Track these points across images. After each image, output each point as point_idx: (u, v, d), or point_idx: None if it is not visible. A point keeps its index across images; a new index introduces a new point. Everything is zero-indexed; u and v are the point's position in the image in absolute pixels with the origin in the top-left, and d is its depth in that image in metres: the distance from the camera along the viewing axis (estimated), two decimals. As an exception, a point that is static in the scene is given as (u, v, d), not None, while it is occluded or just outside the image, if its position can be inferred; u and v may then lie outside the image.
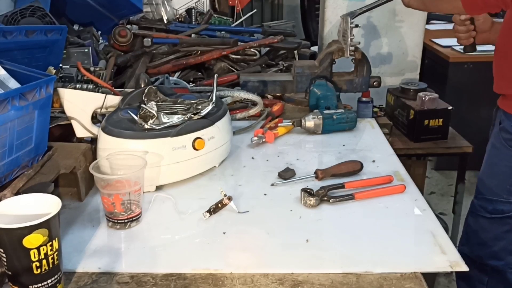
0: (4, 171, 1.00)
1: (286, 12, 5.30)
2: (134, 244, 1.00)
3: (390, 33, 2.51)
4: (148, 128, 1.16)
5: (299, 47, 2.25)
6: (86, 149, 1.19)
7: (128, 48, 2.11)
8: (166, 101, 1.28)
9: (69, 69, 1.57)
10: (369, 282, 0.88)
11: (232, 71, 2.10)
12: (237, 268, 0.92)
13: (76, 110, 1.26)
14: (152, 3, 2.65)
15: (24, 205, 0.87)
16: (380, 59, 2.55)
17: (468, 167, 2.37)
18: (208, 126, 1.23)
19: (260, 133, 1.46)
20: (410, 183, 1.22)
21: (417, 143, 2.28)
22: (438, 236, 1.01)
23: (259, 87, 1.84)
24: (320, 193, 1.13)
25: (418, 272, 0.91)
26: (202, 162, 1.24)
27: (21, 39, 1.35)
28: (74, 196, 1.16)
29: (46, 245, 0.79)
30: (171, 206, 1.13)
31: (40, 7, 1.69)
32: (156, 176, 1.17)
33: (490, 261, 1.53)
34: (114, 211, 1.04)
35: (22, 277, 0.80)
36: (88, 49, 1.82)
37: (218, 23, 2.66)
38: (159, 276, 0.91)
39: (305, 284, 0.88)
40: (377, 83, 1.87)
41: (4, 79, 1.10)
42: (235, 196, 1.12)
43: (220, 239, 1.01)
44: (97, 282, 0.89)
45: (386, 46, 2.53)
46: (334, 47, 1.80)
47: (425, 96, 2.21)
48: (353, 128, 1.57)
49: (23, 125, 1.03)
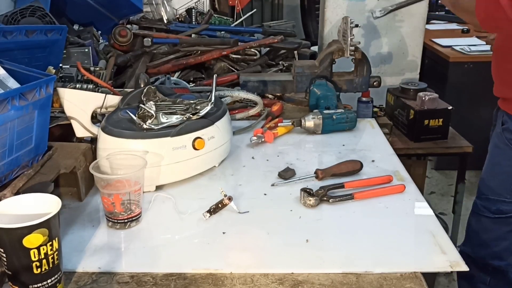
0: (4, 171, 1.00)
1: (286, 12, 5.30)
2: (134, 244, 1.00)
3: (390, 33, 2.50)
4: (147, 128, 1.16)
5: (299, 47, 2.25)
6: (86, 149, 1.19)
7: (128, 48, 2.11)
8: (165, 101, 1.28)
9: (69, 69, 1.57)
10: (369, 282, 0.88)
11: (232, 71, 2.10)
12: (237, 268, 0.92)
13: (76, 110, 1.26)
14: (152, 3, 2.66)
15: (24, 205, 0.87)
16: (380, 59, 2.55)
17: (468, 167, 2.37)
18: (208, 126, 1.23)
19: (259, 132, 1.46)
20: (410, 183, 1.22)
21: (417, 143, 2.28)
22: (438, 236, 1.01)
23: (259, 87, 1.84)
24: (319, 193, 1.13)
25: (418, 272, 0.91)
26: (202, 162, 1.24)
27: (21, 39, 1.35)
28: (74, 196, 1.16)
29: (46, 245, 0.79)
30: (171, 206, 1.13)
31: (40, 7, 1.69)
32: (156, 176, 1.17)
33: (493, 261, 1.52)
34: (114, 211, 1.04)
35: (22, 277, 0.80)
36: (88, 49, 1.82)
37: (218, 23, 2.66)
38: (159, 276, 0.91)
39: (305, 284, 0.88)
40: (377, 83, 1.87)
41: (4, 78, 1.10)
42: (235, 196, 1.12)
43: (220, 239, 1.01)
44: (97, 282, 0.89)
45: (386, 46, 2.53)
46: (334, 47, 1.80)
47: (425, 96, 2.21)
48: (353, 128, 1.57)
49: (23, 125, 1.03)
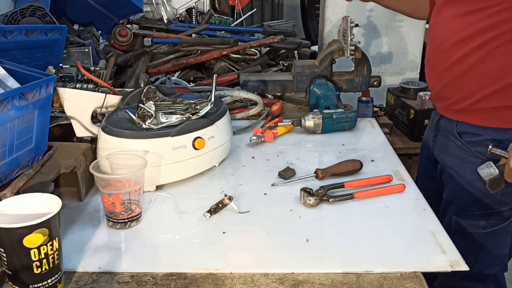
0: (4, 170, 1.00)
1: (286, 12, 5.31)
2: (134, 243, 1.00)
3: (390, 33, 2.50)
4: (146, 127, 1.16)
5: (299, 46, 2.25)
6: (86, 148, 1.19)
7: (128, 47, 2.11)
8: (165, 101, 1.28)
9: (69, 68, 1.57)
10: (369, 281, 0.88)
11: (232, 70, 2.10)
12: (238, 268, 0.92)
13: (76, 109, 1.26)
14: (152, 3, 2.66)
15: (24, 204, 0.86)
16: (380, 59, 2.55)
17: (468, 167, 2.36)
18: (208, 125, 1.23)
19: (259, 132, 1.46)
20: (410, 183, 1.22)
21: (417, 143, 2.27)
22: (438, 236, 1.01)
23: (259, 86, 1.84)
24: (319, 193, 1.13)
25: (418, 272, 0.91)
26: (202, 161, 1.24)
27: (21, 39, 1.35)
28: (74, 195, 1.16)
29: (47, 245, 0.79)
30: (171, 205, 1.13)
31: (40, 7, 1.69)
32: (156, 176, 1.17)
33: (487, 270, 1.50)
34: (114, 211, 1.04)
35: (22, 277, 0.80)
36: (88, 48, 1.82)
37: (218, 22, 2.66)
38: (159, 275, 0.91)
39: (305, 283, 0.88)
40: (377, 82, 1.87)
41: (4, 78, 1.10)
42: (235, 196, 1.12)
43: (220, 239, 1.01)
44: (97, 281, 0.89)
45: (386, 46, 2.53)
46: (334, 46, 1.80)
47: (425, 96, 2.21)
48: (353, 127, 1.57)
49: (23, 125, 1.03)
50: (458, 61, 1.34)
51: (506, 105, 1.33)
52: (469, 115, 1.39)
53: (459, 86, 1.37)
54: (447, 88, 1.41)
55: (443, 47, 1.38)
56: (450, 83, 1.39)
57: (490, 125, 1.36)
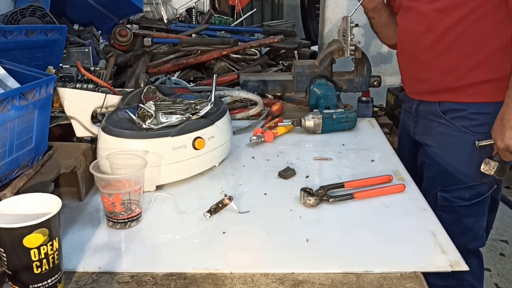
0: (4, 170, 1.00)
1: (286, 12, 5.32)
2: (134, 243, 1.00)
3: (390, 33, 2.50)
4: (146, 127, 1.16)
5: (299, 46, 2.26)
6: (86, 148, 1.19)
7: (128, 47, 2.11)
8: (165, 101, 1.28)
9: (69, 68, 1.57)
10: (369, 281, 0.88)
11: (232, 70, 2.10)
12: (238, 268, 0.92)
13: (76, 109, 1.26)
14: (152, 3, 2.66)
15: (24, 204, 0.86)
16: (380, 59, 2.55)
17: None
18: (208, 125, 1.23)
19: (259, 132, 1.46)
20: (410, 183, 1.22)
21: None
22: (438, 236, 1.01)
23: (259, 86, 1.84)
24: (319, 193, 1.13)
25: (419, 272, 0.91)
26: (202, 161, 1.24)
27: (21, 39, 1.35)
28: (74, 195, 1.16)
29: (47, 245, 0.79)
30: (171, 205, 1.13)
31: (40, 7, 1.69)
32: (156, 176, 1.17)
33: (471, 244, 1.53)
34: (114, 211, 1.04)
35: (22, 277, 0.80)
36: (88, 48, 1.82)
37: (218, 22, 2.66)
38: (159, 275, 0.91)
39: (306, 283, 0.88)
40: (377, 82, 1.88)
41: (4, 78, 1.10)
42: (235, 196, 1.12)
43: (220, 239, 1.01)
44: (97, 281, 0.89)
45: (386, 46, 2.53)
46: (334, 46, 1.80)
47: (425, 96, 2.21)
48: (353, 127, 1.57)
49: (23, 125, 1.03)
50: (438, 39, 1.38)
51: (488, 78, 1.37)
52: (452, 93, 1.43)
53: (440, 64, 1.41)
54: (425, 71, 1.45)
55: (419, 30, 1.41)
56: (429, 64, 1.43)
57: (474, 100, 1.41)
